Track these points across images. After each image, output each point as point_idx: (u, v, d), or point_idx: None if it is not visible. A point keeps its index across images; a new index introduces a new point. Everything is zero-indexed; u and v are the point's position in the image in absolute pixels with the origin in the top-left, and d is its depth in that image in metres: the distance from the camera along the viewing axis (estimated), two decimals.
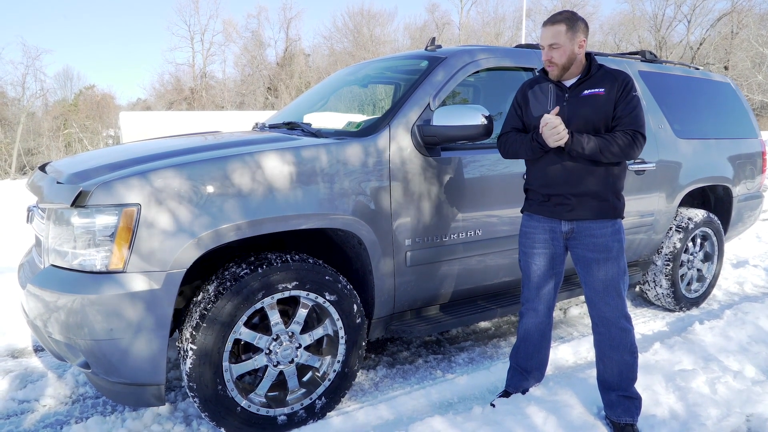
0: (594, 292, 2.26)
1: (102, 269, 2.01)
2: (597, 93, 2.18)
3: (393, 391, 2.76)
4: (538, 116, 2.25)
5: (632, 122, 2.14)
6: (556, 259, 2.35)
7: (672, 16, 36.38)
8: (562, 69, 2.20)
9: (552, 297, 2.44)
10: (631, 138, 2.12)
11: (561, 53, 2.17)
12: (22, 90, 35.85)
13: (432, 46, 3.19)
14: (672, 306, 3.95)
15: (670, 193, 3.71)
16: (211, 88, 41.68)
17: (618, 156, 2.13)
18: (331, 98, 3.64)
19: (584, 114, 2.18)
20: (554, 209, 2.27)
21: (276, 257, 2.28)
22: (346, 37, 41.66)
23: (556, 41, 2.16)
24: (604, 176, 2.19)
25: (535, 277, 2.39)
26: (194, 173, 2.11)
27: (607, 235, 2.21)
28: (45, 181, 2.39)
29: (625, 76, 2.21)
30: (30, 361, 3.08)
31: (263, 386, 2.31)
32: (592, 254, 2.22)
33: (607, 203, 2.20)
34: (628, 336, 2.26)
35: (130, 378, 2.09)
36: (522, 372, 2.55)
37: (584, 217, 2.22)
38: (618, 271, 2.22)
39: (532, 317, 2.46)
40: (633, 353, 2.29)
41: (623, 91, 2.16)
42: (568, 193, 2.22)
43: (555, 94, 2.26)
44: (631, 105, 2.15)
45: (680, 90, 4.05)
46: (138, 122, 21.13)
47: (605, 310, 2.25)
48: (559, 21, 2.17)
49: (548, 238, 2.32)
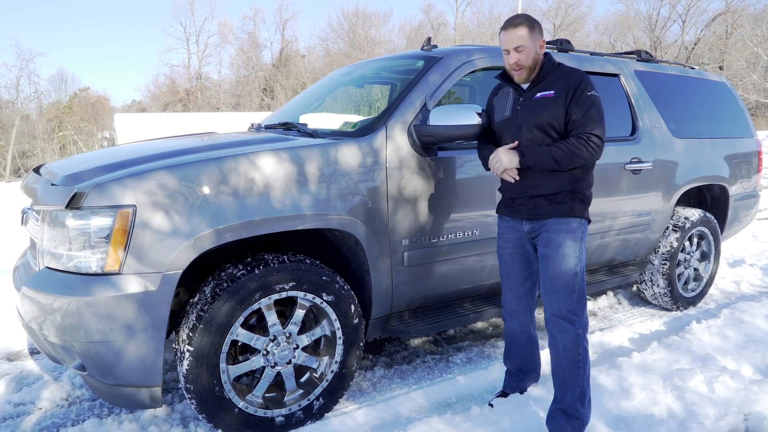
0: (543, 290, 2.23)
1: (98, 271, 2.00)
2: (547, 96, 2.16)
3: (391, 391, 2.75)
4: (499, 121, 2.30)
5: (585, 124, 2.10)
6: (529, 258, 2.34)
7: (666, 16, 36.56)
8: (529, 71, 2.19)
9: (530, 299, 2.42)
10: (585, 141, 2.08)
11: (526, 55, 2.16)
12: (16, 92, 35.76)
13: (428, 46, 3.19)
14: (669, 305, 3.95)
15: (667, 193, 3.72)
16: (206, 89, 41.60)
17: (576, 162, 2.12)
18: (327, 99, 3.64)
19: (535, 118, 2.17)
20: (518, 209, 2.28)
21: (273, 258, 2.27)
22: (342, 38, 41.69)
23: (521, 43, 2.15)
24: (562, 179, 2.17)
25: (511, 278, 2.39)
26: (190, 174, 2.10)
27: (560, 231, 2.18)
28: (39, 183, 2.37)
29: (578, 75, 2.18)
30: (26, 364, 3.06)
31: (261, 387, 2.30)
32: (545, 249, 2.21)
33: (564, 205, 2.18)
34: (565, 337, 2.15)
35: (127, 380, 2.07)
36: (517, 373, 2.54)
37: (543, 216, 2.21)
38: (567, 269, 2.15)
39: (514, 320, 2.45)
40: (573, 360, 2.13)
41: (575, 91, 2.13)
42: (526, 196, 2.23)
43: (513, 98, 2.27)
44: (584, 107, 2.11)
45: (676, 89, 4.06)
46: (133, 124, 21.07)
47: (548, 308, 2.21)
48: (520, 23, 2.17)
49: (517, 237, 2.33)
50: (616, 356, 3.07)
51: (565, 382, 2.18)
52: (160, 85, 42.68)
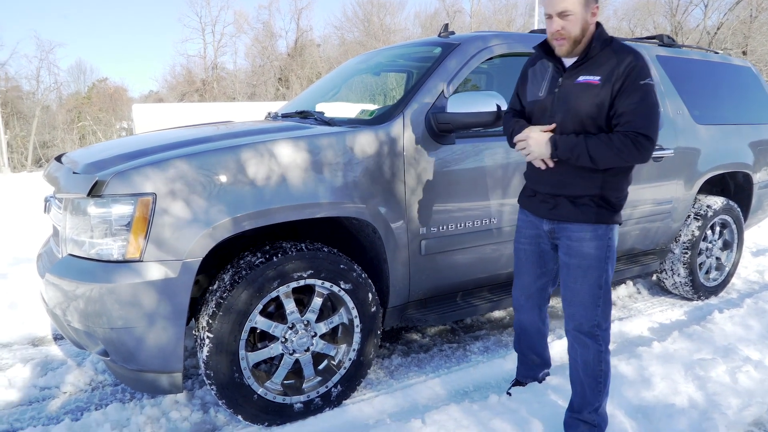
0: (563, 298, 2.06)
1: (119, 258, 2.02)
2: (590, 82, 1.82)
3: (408, 379, 2.76)
4: (531, 101, 2.01)
5: (633, 121, 1.76)
6: (544, 256, 2.16)
7: (688, 1, 35.62)
8: (574, 43, 1.82)
9: (542, 296, 2.26)
10: (632, 142, 1.76)
11: (573, 23, 1.78)
12: (36, 84, 36.25)
13: (445, 32, 3.15)
14: (690, 295, 3.90)
15: (689, 180, 3.65)
16: (222, 79, 41.74)
17: (616, 162, 1.83)
18: (343, 87, 3.62)
19: (573, 107, 1.85)
20: (538, 206, 2.08)
21: (291, 246, 2.28)
22: (357, 26, 41.40)
23: (567, 8, 1.77)
24: (594, 180, 1.91)
25: (523, 274, 2.23)
26: (208, 162, 2.11)
27: (584, 239, 1.95)
28: (61, 172, 2.41)
29: (632, 58, 1.80)
30: (50, 349, 3.13)
31: (279, 374, 2.32)
32: (566, 258, 2.01)
33: (590, 208, 1.93)
34: (587, 353, 2.02)
35: (148, 366, 2.10)
36: (528, 361, 2.45)
37: (564, 219, 1.99)
38: (590, 282, 1.95)
39: (523, 313, 2.31)
40: (594, 376, 2.03)
41: (625, 79, 1.77)
42: (550, 193, 2.01)
43: (551, 76, 1.94)
44: (634, 99, 1.76)
45: (699, 75, 3.96)
46: (150, 114, 21.25)
47: (569, 321, 2.05)
48: None
49: (534, 234, 2.14)
50: (635, 345, 3.04)
51: (584, 394, 2.07)
52: (176, 76, 42.93)
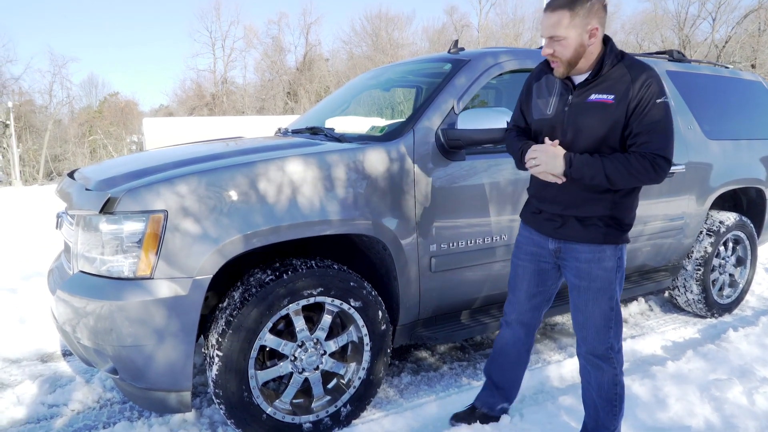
0: (574, 322, 2.02)
1: (130, 275, 2.02)
2: (605, 101, 1.77)
3: (418, 398, 2.72)
4: (538, 119, 1.94)
5: (650, 142, 1.73)
6: (543, 276, 2.09)
7: (696, 14, 35.62)
8: (568, 65, 1.79)
9: (534, 316, 2.17)
10: (650, 163, 1.72)
11: (564, 46, 1.76)
12: (49, 98, 36.85)
13: (455, 48, 3.16)
14: (703, 312, 3.84)
15: (701, 196, 3.62)
16: (231, 93, 42.20)
17: (631, 183, 1.79)
18: (353, 102, 3.64)
19: (586, 126, 1.80)
20: (543, 224, 2.02)
21: (301, 263, 2.27)
22: (365, 41, 41.82)
23: (557, 33, 1.75)
24: (604, 201, 1.87)
25: (517, 291, 2.15)
26: (219, 179, 2.11)
27: (592, 261, 1.91)
28: (74, 188, 2.42)
29: (647, 77, 1.76)
30: (58, 366, 3.12)
31: (288, 393, 2.30)
32: (575, 280, 1.96)
33: (599, 228, 1.88)
34: (602, 375, 1.99)
35: (157, 384, 2.09)
36: (492, 387, 2.33)
37: (571, 238, 1.94)
38: (602, 305, 1.92)
39: (509, 332, 2.23)
40: (609, 400, 2.00)
41: (641, 99, 1.73)
42: (557, 213, 1.96)
43: (559, 93, 1.88)
44: (652, 119, 1.72)
45: (710, 90, 3.94)
46: (161, 128, 21.48)
47: (581, 344, 2.02)
48: (560, 6, 1.73)
49: (536, 252, 2.07)
50: (649, 365, 2.99)
51: (598, 417, 2.05)
52: (186, 90, 43.49)
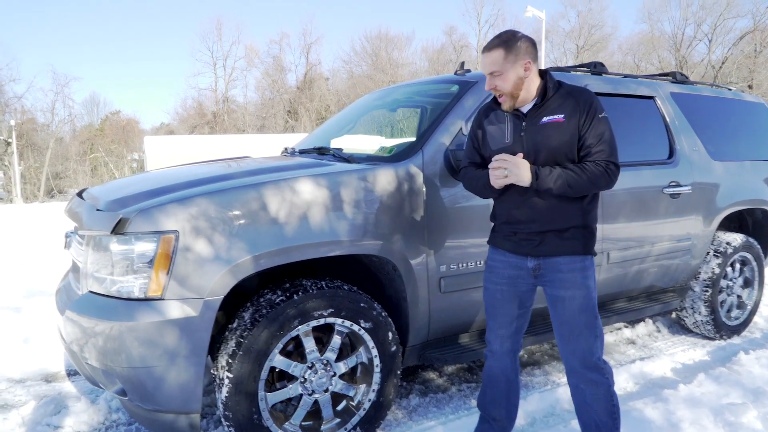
0: (559, 338, 2.04)
1: (140, 296, 2.01)
2: (556, 120, 1.96)
3: (428, 420, 2.69)
4: (498, 149, 2.04)
5: (602, 151, 1.93)
6: (522, 296, 2.11)
7: (692, 36, 36.13)
8: (511, 97, 1.99)
9: (516, 340, 2.18)
10: (604, 169, 1.92)
11: (503, 80, 1.96)
12: (51, 116, 37.09)
13: (461, 70, 3.19)
14: (712, 334, 3.81)
15: (707, 217, 3.62)
16: (232, 112, 42.48)
17: (590, 190, 1.95)
18: (358, 123, 3.66)
19: (544, 145, 1.96)
20: (520, 245, 2.05)
21: (311, 284, 2.26)
22: (365, 60, 42.24)
23: (496, 68, 1.96)
24: (573, 211, 1.99)
25: (499, 316, 2.14)
26: (230, 200, 2.11)
27: (575, 270, 1.99)
28: (84, 208, 2.42)
29: (588, 96, 1.99)
30: (63, 386, 3.09)
31: (298, 415, 2.27)
32: (558, 291, 2.01)
33: (576, 240, 2.00)
34: (598, 390, 2.00)
35: (166, 406, 2.06)
36: (489, 421, 2.27)
37: (551, 254, 2.01)
38: (587, 313, 1.98)
39: (495, 360, 2.21)
40: (611, 413, 2.01)
41: (587, 114, 1.94)
42: (533, 231, 2.02)
43: (512, 122, 2.03)
44: (599, 131, 1.94)
45: (713, 111, 3.98)
46: (162, 146, 21.54)
47: (571, 358, 2.02)
48: (495, 46, 1.96)
49: (514, 275, 2.09)
50: (659, 387, 2.96)
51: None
52: (188, 108, 43.77)
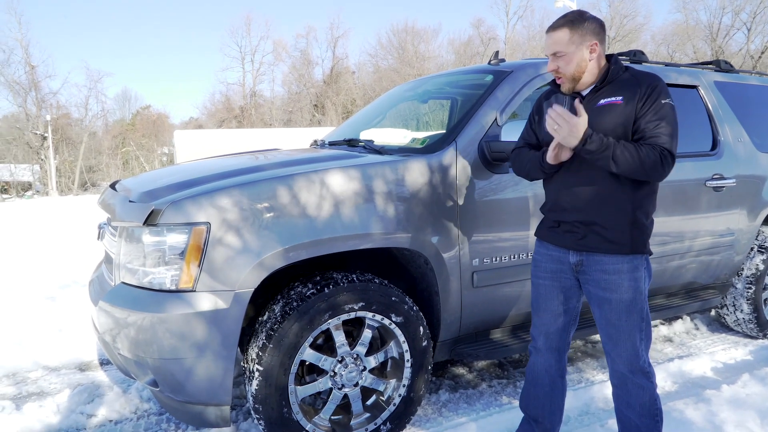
0: (605, 338, 1.94)
1: (172, 287, 2.01)
2: (613, 102, 1.85)
3: (458, 417, 2.64)
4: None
5: (657, 136, 1.78)
6: (566, 293, 2.02)
7: (729, 24, 34.89)
8: (572, 80, 1.89)
9: (562, 337, 2.08)
10: (658, 156, 1.76)
11: (566, 62, 1.87)
12: (85, 111, 38.04)
13: (495, 60, 3.11)
14: (755, 333, 3.66)
15: (752, 211, 3.46)
16: (259, 106, 42.89)
17: (637, 174, 1.79)
18: (389, 114, 3.61)
19: (599, 128, 1.83)
20: (563, 237, 1.97)
21: (342, 277, 2.23)
22: (391, 53, 42.06)
23: (559, 49, 1.86)
24: (624, 203, 1.86)
25: (542, 312, 2.07)
26: (261, 192, 2.09)
27: (622, 272, 1.87)
28: (117, 200, 2.43)
29: (652, 80, 1.86)
30: (96, 375, 3.14)
31: (328, 409, 2.25)
32: (602, 293, 1.90)
33: (623, 235, 1.86)
34: (644, 394, 1.91)
35: (197, 397, 2.06)
36: (531, 422, 2.17)
37: (595, 249, 1.89)
38: (634, 317, 1.87)
39: (539, 358, 2.12)
40: (653, 416, 1.93)
41: (647, 98, 1.82)
42: (577, 221, 1.91)
43: (570, 105, 1.93)
44: (657, 115, 1.80)
45: (759, 101, 3.80)
46: (191, 140, 21.91)
47: (617, 361, 1.92)
48: (560, 26, 1.86)
49: (556, 269, 2.01)
50: (700, 387, 2.85)
51: None
52: (216, 103, 44.40)
